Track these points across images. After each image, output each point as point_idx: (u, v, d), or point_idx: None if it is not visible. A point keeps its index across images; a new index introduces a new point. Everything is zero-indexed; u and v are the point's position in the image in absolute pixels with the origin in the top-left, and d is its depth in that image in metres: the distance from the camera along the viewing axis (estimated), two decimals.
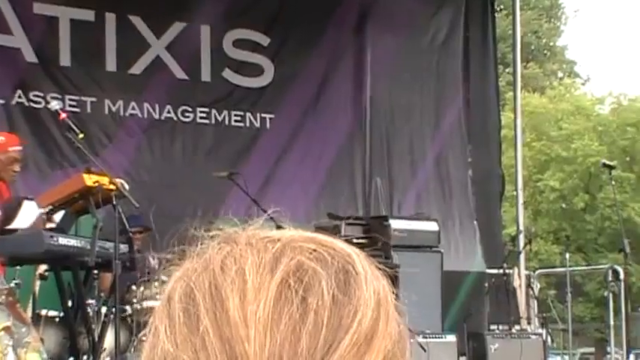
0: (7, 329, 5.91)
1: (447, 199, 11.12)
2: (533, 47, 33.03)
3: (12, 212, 6.73)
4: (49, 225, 6.38)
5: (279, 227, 0.85)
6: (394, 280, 0.85)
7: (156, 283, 7.67)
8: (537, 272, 11.48)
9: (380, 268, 0.82)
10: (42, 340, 6.43)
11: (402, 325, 0.80)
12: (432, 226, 9.26)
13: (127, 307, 7.39)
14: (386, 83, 10.92)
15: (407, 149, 11.06)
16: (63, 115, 6.38)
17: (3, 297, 6.19)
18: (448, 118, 11.28)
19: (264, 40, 10.39)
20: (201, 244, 0.84)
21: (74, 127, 6.24)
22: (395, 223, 8.89)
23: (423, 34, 11.16)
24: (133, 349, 7.15)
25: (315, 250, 0.79)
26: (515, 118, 11.69)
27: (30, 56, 9.10)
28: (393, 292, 0.81)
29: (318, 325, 0.75)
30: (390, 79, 10.93)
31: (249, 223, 0.86)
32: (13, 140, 6.45)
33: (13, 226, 6.57)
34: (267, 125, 10.37)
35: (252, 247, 0.80)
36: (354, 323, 0.75)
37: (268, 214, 0.92)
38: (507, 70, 20.75)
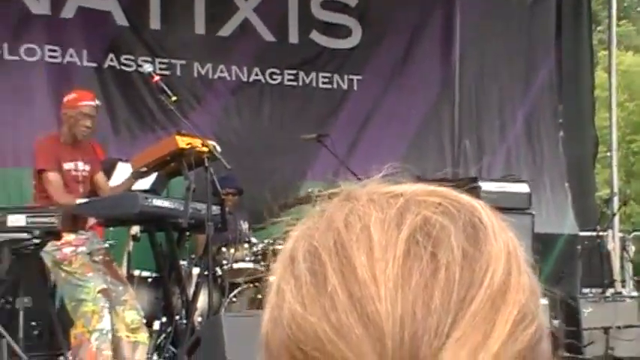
0: (103, 291, 6.02)
1: (537, 160, 10.97)
2: (625, 4, 32.22)
3: (106, 174, 6.84)
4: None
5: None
6: None
7: (246, 245, 7.75)
8: (633, 234, 11.24)
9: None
10: None
11: (533, 278, 0.78)
12: (522, 187, 9.12)
13: (218, 269, 7.48)
14: (475, 43, 10.78)
15: (496, 110, 10.92)
16: (156, 78, 6.42)
17: (100, 256, 6.30)
18: (539, 78, 11.09)
19: (352, 1, 10.33)
20: (317, 202, 0.82)
21: (167, 90, 6.27)
22: (485, 185, 8.77)
23: None
24: (223, 310, 7.24)
25: (440, 204, 0.77)
26: (609, 77, 11.44)
27: (121, 19, 9.19)
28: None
29: (450, 281, 0.73)
30: (479, 39, 10.78)
31: (337, 185, 0.85)
32: (84, 96, 6.47)
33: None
34: (355, 87, 10.33)
35: (375, 204, 0.78)
36: (487, 277, 0.74)
37: (356, 175, 0.90)
38: (599, 28, 20.29)
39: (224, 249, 7.63)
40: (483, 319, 0.72)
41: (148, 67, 7.00)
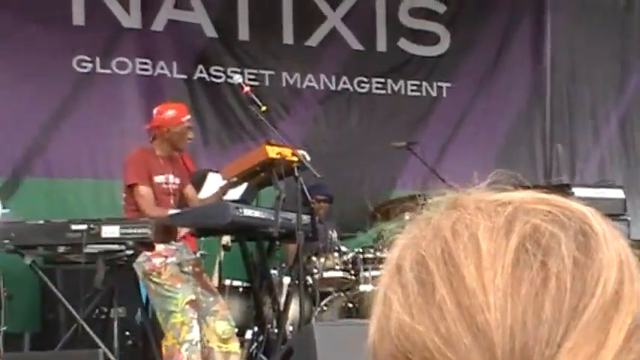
0: (191, 302, 6.06)
1: (632, 165, 10.74)
2: None
3: (197, 185, 6.91)
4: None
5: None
6: None
7: (336, 254, 7.73)
8: None
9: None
10: None
11: None
12: (617, 193, 8.93)
13: (308, 278, 7.48)
14: (566, 46, 10.61)
15: (589, 113, 10.73)
16: (246, 89, 6.46)
17: (190, 267, 6.35)
18: (633, 80, 10.86)
19: (440, 8, 10.26)
20: (422, 210, 0.81)
21: (257, 101, 6.31)
22: (578, 191, 8.61)
23: None
24: (314, 319, 7.23)
25: (549, 212, 0.76)
26: None
27: (210, 31, 9.29)
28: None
29: (561, 290, 0.71)
30: (570, 42, 10.61)
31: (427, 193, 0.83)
32: (182, 110, 6.58)
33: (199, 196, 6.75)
34: (444, 94, 10.26)
35: (482, 212, 0.77)
36: (599, 286, 0.72)
37: (446, 183, 0.88)
38: None
39: (314, 258, 7.63)
40: (596, 329, 0.71)
41: (237, 78, 7.06)
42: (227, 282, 7.43)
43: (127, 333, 7.03)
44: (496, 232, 0.74)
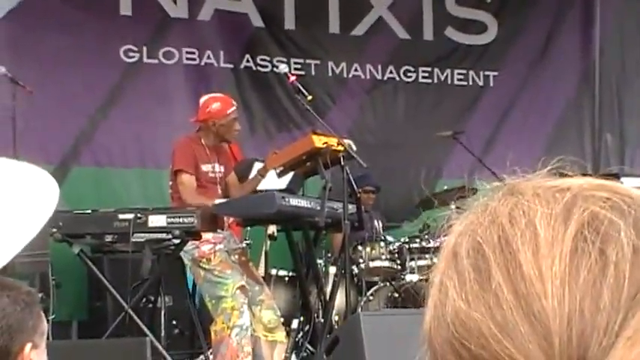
0: (241, 288, 6.08)
1: None
2: None
3: (244, 173, 6.92)
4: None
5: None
6: None
7: (382, 243, 7.71)
8: None
9: None
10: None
11: None
12: None
13: (354, 267, 7.47)
14: (616, 35, 10.49)
15: (639, 103, 10.59)
16: (292, 78, 6.45)
17: (236, 256, 6.37)
18: None
19: None
20: (480, 196, 0.80)
21: (303, 90, 6.30)
22: (627, 181, 8.51)
23: None
24: (361, 308, 7.22)
25: (608, 199, 0.74)
26: None
27: (256, 21, 9.29)
28: None
29: (619, 279, 0.70)
30: (620, 31, 10.49)
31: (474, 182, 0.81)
32: (228, 103, 6.58)
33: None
34: (491, 83, 10.18)
35: (540, 198, 0.75)
36: None
37: (494, 173, 0.86)
38: None
39: (360, 247, 7.61)
40: None
41: (283, 67, 7.05)
42: (273, 271, 7.44)
43: (174, 322, 7.07)
44: (554, 218, 0.73)
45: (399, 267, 7.62)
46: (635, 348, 0.69)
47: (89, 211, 5.96)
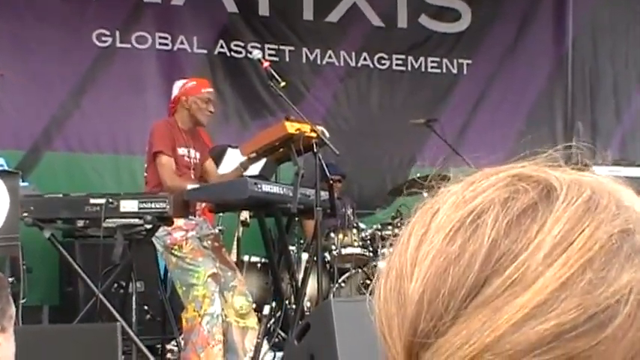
0: (213, 276, 6.07)
1: None
2: None
3: (216, 160, 6.90)
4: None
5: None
6: None
7: (354, 230, 7.73)
8: None
9: None
10: None
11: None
12: (637, 172, 8.88)
13: (326, 254, 7.48)
14: (589, 25, 10.53)
15: (611, 93, 10.66)
16: (265, 64, 6.43)
17: (209, 242, 6.36)
18: None
19: None
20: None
21: (276, 76, 6.28)
22: (598, 170, 8.57)
23: None
24: (332, 295, 7.24)
25: (514, 184, 0.73)
26: None
27: (231, 6, 9.25)
28: None
29: (472, 265, 0.69)
30: (593, 21, 10.53)
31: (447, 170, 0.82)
32: (204, 83, 6.58)
33: (218, 172, 6.74)
34: (465, 71, 10.20)
35: (467, 185, 0.75)
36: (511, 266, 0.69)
37: (466, 161, 0.86)
38: None
39: (332, 234, 7.63)
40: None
41: (257, 53, 7.03)
42: (245, 258, 7.44)
43: (146, 307, 7.05)
44: (456, 205, 0.73)
45: (372, 254, 7.64)
46: (482, 313, 0.68)
47: (60, 195, 5.93)
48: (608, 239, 0.69)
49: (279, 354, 6.24)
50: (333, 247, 7.58)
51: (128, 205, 5.75)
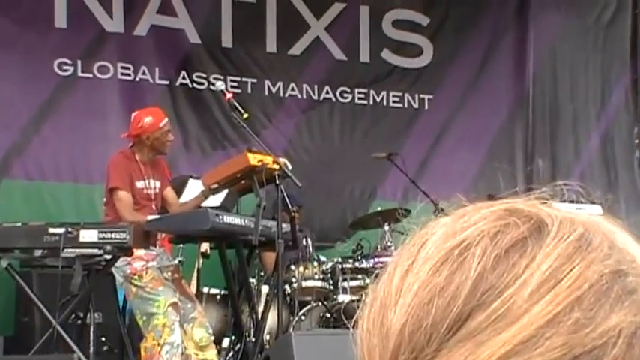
0: (173, 305, 6.03)
1: (612, 181, 10.77)
2: None
3: (178, 190, 6.87)
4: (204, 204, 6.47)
5: (437, 208, 0.78)
6: None
7: (315, 263, 7.71)
8: None
9: None
10: None
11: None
12: (595, 209, 8.96)
13: (287, 286, 7.45)
14: (549, 62, 10.65)
15: (570, 129, 10.76)
16: (228, 96, 6.43)
17: (169, 273, 6.32)
18: (614, 97, 10.91)
19: (424, 20, 10.26)
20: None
21: (239, 108, 6.28)
22: (558, 207, 8.65)
23: (588, 12, 10.82)
24: (292, 328, 7.20)
25: (505, 218, 0.71)
26: None
27: (193, 37, 9.26)
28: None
29: (457, 297, 0.67)
30: (553, 58, 10.65)
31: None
32: (160, 115, 6.54)
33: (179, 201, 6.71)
34: (426, 106, 10.26)
35: (456, 218, 0.73)
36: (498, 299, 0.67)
37: (427, 195, 0.85)
38: None
39: (293, 267, 7.60)
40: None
41: (220, 85, 7.03)
42: (205, 289, 7.39)
43: (103, 338, 6.98)
44: (444, 237, 0.71)
45: (332, 287, 7.62)
46: (464, 347, 0.66)
47: (19, 225, 5.86)
48: (598, 279, 0.67)
49: None
50: (294, 280, 7.56)
51: (88, 235, 5.70)
